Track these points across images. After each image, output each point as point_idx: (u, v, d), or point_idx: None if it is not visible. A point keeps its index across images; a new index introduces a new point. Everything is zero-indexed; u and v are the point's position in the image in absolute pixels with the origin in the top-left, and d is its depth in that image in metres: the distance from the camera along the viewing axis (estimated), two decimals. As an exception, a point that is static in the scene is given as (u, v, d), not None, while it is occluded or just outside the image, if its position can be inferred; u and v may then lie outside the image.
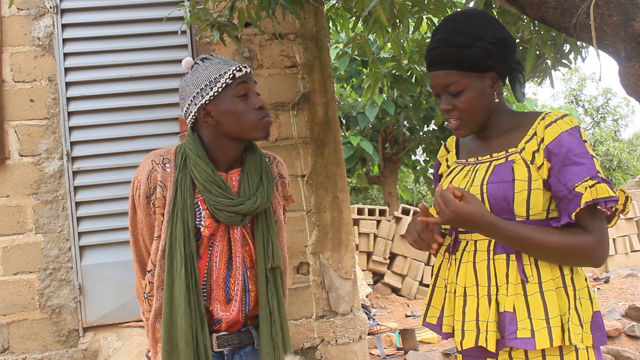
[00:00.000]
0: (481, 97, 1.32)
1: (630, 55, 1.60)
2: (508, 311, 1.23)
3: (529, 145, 1.29)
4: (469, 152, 1.43)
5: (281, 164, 1.64)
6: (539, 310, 1.22)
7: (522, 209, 1.26)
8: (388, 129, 9.42)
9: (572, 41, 2.86)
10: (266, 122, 1.48)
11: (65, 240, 2.94)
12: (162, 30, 3.04)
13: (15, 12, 3.03)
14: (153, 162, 1.47)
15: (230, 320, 1.48)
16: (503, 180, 1.27)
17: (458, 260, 1.35)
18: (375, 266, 7.93)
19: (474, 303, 1.29)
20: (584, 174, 1.21)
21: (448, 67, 1.31)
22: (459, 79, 1.30)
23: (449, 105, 1.34)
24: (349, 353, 3.11)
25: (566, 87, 23.03)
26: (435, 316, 1.40)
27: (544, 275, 1.25)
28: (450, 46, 1.30)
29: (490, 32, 1.30)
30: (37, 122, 2.98)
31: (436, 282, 1.43)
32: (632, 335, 4.84)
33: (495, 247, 1.29)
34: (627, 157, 18.65)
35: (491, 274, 1.28)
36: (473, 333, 1.27)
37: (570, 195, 1.21)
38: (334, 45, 7.74)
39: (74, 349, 2.89)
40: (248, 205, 1.43)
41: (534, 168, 1.26)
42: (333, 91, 3.28)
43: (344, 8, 3.42)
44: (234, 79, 1.44)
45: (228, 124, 1.45)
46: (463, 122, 1.34)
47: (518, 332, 1.21)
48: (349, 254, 3.17)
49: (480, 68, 1.30)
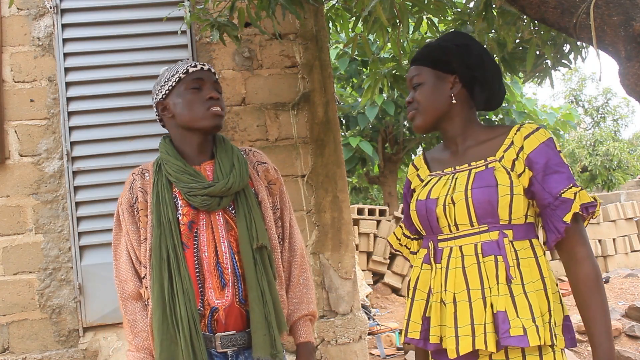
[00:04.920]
0: (437, 93, 1.43)
1: (630, 55, 1.60)
2: (500, 310, 1.26)
3: (507, 154, 1.35)
4: (442, 164, 1.48)
5: (258, 152, 1.67)
6: (525, 310, 1.25)
7: (505, 213, 1.31)
8: (388, 129, 9.42)
9: (572, 41, 2.86)
10: (213, 111, 1.53)
11: (65, 240, 2.94)
12: (162, 30, 3.04)
13: (15, 12, 3.03)
14: (133, 175, 1.59)
15: (226, 307, 1.47)
16: (487, 185, 1.32)
17: (444, 268, 1.36)
18: (375, 266, 7.93)
19: (466, 308, 1.30)
20: (567, 182, 1.29)
21: (415, 63, 1.47)
22: (420, 72, 1.45)
23: (410, 98, 1.47)
24: (349, 353, 3.11)
25: (566, 87, 23.05)
26: (417, 330, 1.41)
27: (525, 277, 1.29)
28: (425, 47, 1.49)
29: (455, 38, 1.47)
30: (37, 122, 2.98)
31: (414, 295, 1.44)
32: (632, 335, 4.85)
33: (483, 249, 1.32)
34: (627, 157, 18.64)
35: (483, 276, 1.30)
36: (469, 338, 1.28)
37: (557, 202, 1.28)
38: (334, 45, 7.74)
39: (74, 349, 2.89)
40: (219, 186, 1.48)
41: (514, 175, 1.33)
42: (333, 91, 3.28)
43: (344, 8, 3.41)
44: (187, 73, 1.55)
45: (180, 114, 1.54)
46: (418, 113, 1.45)
47: (511, 330, 1.24)
48: (349, 254, 3.17)
49: (441, 66, 1.43)
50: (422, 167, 1.56)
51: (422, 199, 1.43)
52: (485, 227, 1.33)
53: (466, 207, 1.33)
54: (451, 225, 1.37)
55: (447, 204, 1.36)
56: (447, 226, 1.38)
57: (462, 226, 1.35)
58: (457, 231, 1.36)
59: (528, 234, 1.34)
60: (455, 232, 1.37)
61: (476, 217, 1.33)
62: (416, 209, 1.44)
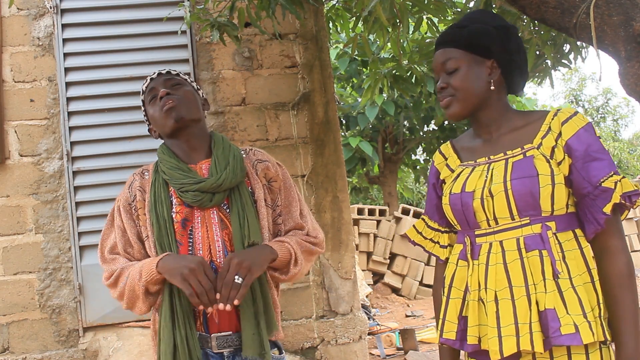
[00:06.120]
0: (476, 78, 1.33)
1: (630, 55, 1.60)
2: (549, 308, 1.20)
3: (545, 141, 1.27)
4: (474, 154, 1.40)
5: (259, 151, 1.67)
6: (575, 306, 1.19)
7: (547, 204, 1.24)
8: (388, 129, 9.43)
9: (572, 41, 2.86)
10: (165, 110, 1.54)
11: (65, 240, 2.94)
12: (162, 30, 3.04)
13: (15, 12, 3.03)
14: (134, 175, 1.61)
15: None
16: (528, 175, 1.24)
17: (483, 265, 1.29)
18: (375, 266, 7.93)
19: (509, 306, 1.23)
20: (607, 169, 1.21)
21: (448, 45, 1.36)
22: (456, 55, 1.34)
23: (444, 83, 1.36)
24: (349, 353, 3.10)
25: (566, 87, 23.04)
26: (453, 330, 1.33)
27: (572, 270, 1.22)
28: (455, 27, 1.37)
29: (494, 20, 1.35)
30: (37, 122, 2.98)
31: (450, 293, 1.36)
32: (632, 335, 4.83)
33: (526, 244, 1.25)
34: (627, 157, 18.66)
35: (527, 272, 1.23)
36: (513, 338, 1.21)
37: (597, 191, 1.21)
38: (334, 45, 7.73)
39: (74, 349, 2.89)
40: (210, 182, 1.48)
41: (554, 163, 1.25)
42: (333, 91, 3.28)
43: (344, 8, 3.42)
44: (144, 92, 1.63)
45: (155, 127, 1.61)
46: (454, 99, 1.35)
47: (562, 328, 1.18)
48: (349, 254, 3.17)
49: (479, 50, 1.33)
50: (451, 156, 1.46)
51: (456, 192, 1.35)
52: (527, 220, 1.26)
53: (506, 200, 1.26)
54: (490, 220, 1.30)
55: (485, 197, 1.29)
56: (485, 220, 1.31)
57: (501, 220, 1.28)
58: (496, 225, 1.29)
59: (571, 224, 1.27)
60: (494, 227, 1.30)
61: (517, 210, 1.25)
62: (450, 203, 1.36)
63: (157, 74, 1.62)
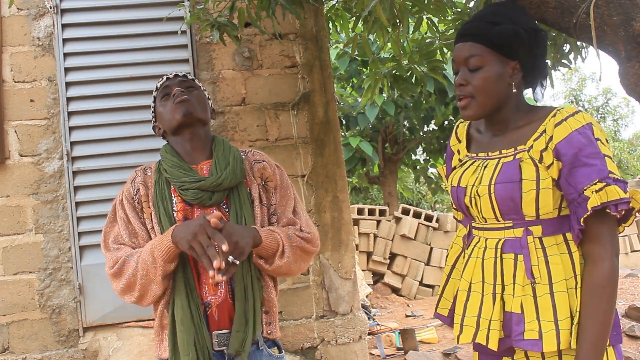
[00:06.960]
0: (498, 79, 1.28)
1: (630, 55, 1.60)
2: (515, 312, 1.22)
3: (536, 144, 1.25)
4: (479, 146, 1.40)
5: (257, 152, 1.70)
6: (548, 312, 1.19)
7: (530, 209, 1.23)
8: (388, 129, 9.42)
9: (572, 41, 2.86)
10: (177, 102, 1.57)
11: (65, 240, 2.94)
12: (162, 30, 3.04)
13: (15, 12, 3.03)
14: (136, 171, 1.65)
15: (219, 303, 1.49)
16: (510, 181, 1.24)
17: (467, 255, 1.35)
18: (375, 266, 7.93)
19: (478, 299, 1.28)
20: (593, 176, 1.17)
21: (475, 39, 1.29)
22: (482, 53, 1.28)
23: (464, 80, 1.31)
24: (349, 353, 3.10)
25: (566, 87, 23.03)
26: (447, 307, 1.40)
27: (555, 275, 1.21)
28: (484, 22, 1.30)
29: (526, 20, 1.31)
30: (37, 122, 2.98)
31: (451, 273, 1.43)
32: (632, 335, 4.84)
33: (504, 245, 1.27)
34: (627, 157, 18.66)
35: (497, 272, 1.27)
36: (472, 329, 1.27)
37: (580, 198, 1.18)
38: (334, 45, 7.73)
39: (74, 349, 2.89)
40: (210, 181, 1.51)
41: (542, 167, 1.23)
42: (333, 91, 3.28)
43: (344, 8, 3.41)
44: (157, 90, 1.67)
45: (161, 123, 1.65)
46: (473, 101, 1.30)
47: (525, 333, 1.20)
48: (349, 254, 3.17)
49: (506, 50, 1.28)
50: (462, 142, 1.46)
51: (454, 185, 1.39)
52: (510, 224, 1.27)
53: (490, 203, 1.28)
54: (479, 217, 1.34)
55: (473, 196, 1.31)
56: (477, 216, 1.35)
57: (489, 219, 1.31)
58: (485, 223, 1.33)
59: (562, 227, 1.25)
60: (484, 224, 1.33)
61: (500, 213, 1.27)
62: (451, 193, 1.40)
63: (174, 75, 1.66)
